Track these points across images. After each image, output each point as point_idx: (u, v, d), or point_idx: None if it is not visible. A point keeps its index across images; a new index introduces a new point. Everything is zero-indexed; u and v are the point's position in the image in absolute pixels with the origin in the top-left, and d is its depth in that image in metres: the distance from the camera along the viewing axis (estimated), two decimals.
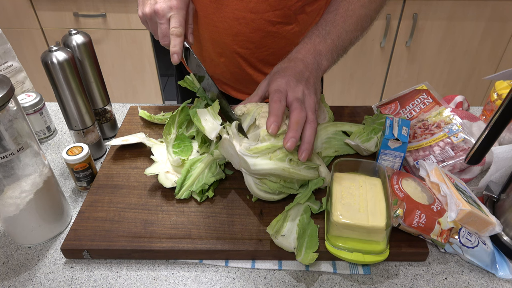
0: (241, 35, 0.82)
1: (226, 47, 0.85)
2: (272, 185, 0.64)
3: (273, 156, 0.62)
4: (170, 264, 0.63)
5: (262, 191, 0.66)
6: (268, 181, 0.64)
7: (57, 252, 0.65)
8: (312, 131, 0.63)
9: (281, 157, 0.62)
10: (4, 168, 0.58)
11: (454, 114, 0.78)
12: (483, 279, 0.61)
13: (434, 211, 0.61)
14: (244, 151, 0.63)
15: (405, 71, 2.01)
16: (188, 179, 0.70)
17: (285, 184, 0.65)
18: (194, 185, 0.70)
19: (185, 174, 0.70)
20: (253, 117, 0.67)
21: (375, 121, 0.82)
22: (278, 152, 0.62)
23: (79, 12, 1.86)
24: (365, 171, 0.69)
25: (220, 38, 0.84)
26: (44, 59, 0.71)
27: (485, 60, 1.94)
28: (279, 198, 0.68)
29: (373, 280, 0.61)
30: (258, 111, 0.67)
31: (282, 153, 0.62)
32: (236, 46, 0.84)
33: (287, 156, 0.62)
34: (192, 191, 0.70)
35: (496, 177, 0.71)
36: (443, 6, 1.77)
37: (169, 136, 0.77)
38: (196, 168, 0.71)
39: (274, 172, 0.62)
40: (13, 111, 0.56)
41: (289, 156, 0.62)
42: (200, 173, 0.71)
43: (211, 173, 0.71)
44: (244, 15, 0.78)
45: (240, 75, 0.91)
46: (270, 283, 0.61)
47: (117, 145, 0.80)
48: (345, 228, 0.59)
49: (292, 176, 0.63)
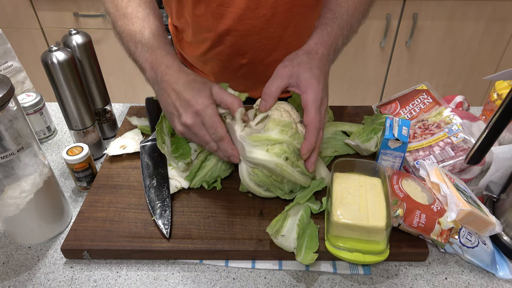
0: (264, 32, 0.83)
1: (251, 47, 0.86)
2: (263, 178, 0.63)
3: (270, 149, 0.62)
4: (170, 264, 0.63)
5: (252, 181, 0.65)
6: (260, 172, 0.63)
7: (57, 252, 0.65)
8: (320, 140, 0.65)
9: (278, 152, 0.61)
10: (4, 168, 0.58)
11: (454, 114, 0.78)
12: (483, 279, 0.61)
13: (434, 211, 0.61)
14: (245, 137, 0.63)
15: (405, 71, 2.00)
16: (201, 169, 0.71)
17: (275, 182, 0.64)
18: (207, 175, 0.71)
19: (199, 164, 0.71)
20: (270, 112, 0.67)
21: (375, 121, 0.82)
22: (276, 146, 0.62)
23: (79, 12, 1.86)
24: (365, 171, 0.69)
25: (243, 41, 0.84)
26: (44, 59, 0.71)
27: (485, 60, 1.94)
28: (266, 195, 0.67)
29: (373, 280, 0.61)
30: (276, 106, 0.67)
31: (280, 149, 0.62)
32: (260, 44, 0.85)
33: (284, 153, 0.62)
34: (204, 181, 0.71)
35: (496, 177, 0.71)
36: (443, 6, 1.77)
37: (164, 145, 0.74)
38: (210, 160, 0.71)
39: (267, 165, 0.61)
40: (13, 111, 0.56)
41: (286, 154, 0.62)
42: (214, 166, 0.71)
43: (224, 166, 0.72)
44: (264, 12, 0.79)
45: (262, 72, 0.90)
46: (270, 283, 0.61)
47: (116, 154, 0.79)
48: (345, 228, 0.59)
49: (283, 174, 0.62)
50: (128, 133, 0.85)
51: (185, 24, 0.89)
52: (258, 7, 0.78)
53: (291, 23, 0.83)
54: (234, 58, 0.89)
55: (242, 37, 0.83)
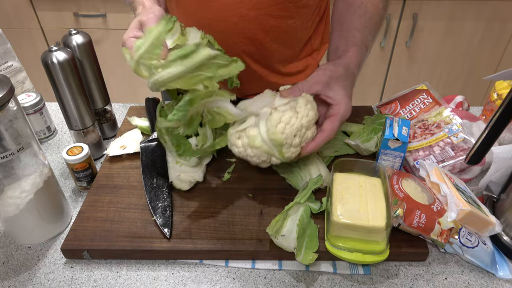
0: (246, 32, 0.82)
1: (233, 47, 0.86)
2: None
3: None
4: (170, 264, 0.63)
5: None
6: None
7: (57, 252, 0.65)
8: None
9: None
10: (4, 168, 0.58)
11: (454, 114, 0.78)
12: (483, 279, 0.61)
13: (434, 211, 0.61)
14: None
15: (405, 71, 2.00)
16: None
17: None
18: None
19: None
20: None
21: (375, 121, 0.82)
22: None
23: (79, 12, 1.86)
24: (365, 171, 0.69)
25: (225, 39, 0.84)
26: (44, 59, 0.71)
27: (485, 60, 1.94)
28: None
29: (373, 280, 0.61)
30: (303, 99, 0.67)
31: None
32: (242, 44, 0.85)
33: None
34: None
35: (496, 177, 0.71)
36: (443, 6, 1.77)
37: (167, 144, 0.74)
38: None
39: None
40: (13, 111, 0.56)
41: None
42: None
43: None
44: (247, 12, 0.79)
45: (249, 75, 0.91)
46: (270, 283, 0.61)
47: (116, 154, 0.79)
48: (345, 228, 0.59)
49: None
50: (128, 133, 0.85)
51: (173, 4, 0.89)
52: (240, 6, 0.79)
53: (273, 27, 0.82)
54: None
55: (223, 33, 0.83)
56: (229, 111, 0.65)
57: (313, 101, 0.67)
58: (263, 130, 0.63)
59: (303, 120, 0.64)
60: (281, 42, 0.86)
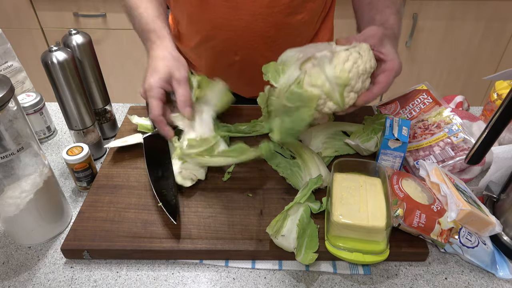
0: (259, 30, 0.83)
1: (244, 45, 0.86)
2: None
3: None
4: (170, 264, 0.63)
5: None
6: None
7: (57, 252, 0.65)
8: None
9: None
10: (4, 168, 0.58)
11: (454, 114, 0.78)
12: (483, 279, 0.61)
13: (434, 211, 0.61)
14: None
15: (405, 71, 2.00)
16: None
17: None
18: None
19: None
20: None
21: (375, 121, 0.82)
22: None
23: (79, 12, 1.86)
24: (365, 171, 0.69)
25: (237, 37, 0.85)
26: (44, 59, 0.71)
27: (485, 60, 1.94)
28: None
29: (373, 280, 0.61)
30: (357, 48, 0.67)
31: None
32: (253, 42, 0.85)
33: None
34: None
35: (496, 177, 0.71)
36: (443, 6, 1.77)
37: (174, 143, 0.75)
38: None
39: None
40: (13, 111, 0.56)
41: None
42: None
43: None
44: (260, 10, 0.80)
45: (259, 73, 0.91)
46: (270, 283, 0.61)
47: (116, 146, 0.80)
48: (345, 228, 0.59)
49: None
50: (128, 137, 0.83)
51: (181, 13, 0.90)
52: (254, 4, 0.79)
53: (284, 24, 0.83)
54: (226, 54, 0.89)
55: (235, 32, 0.83)
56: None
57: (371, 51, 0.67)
58: (328, 69, 0.62)
59: (367, 64, 0.64)
60: (289, 38, 0.86)
